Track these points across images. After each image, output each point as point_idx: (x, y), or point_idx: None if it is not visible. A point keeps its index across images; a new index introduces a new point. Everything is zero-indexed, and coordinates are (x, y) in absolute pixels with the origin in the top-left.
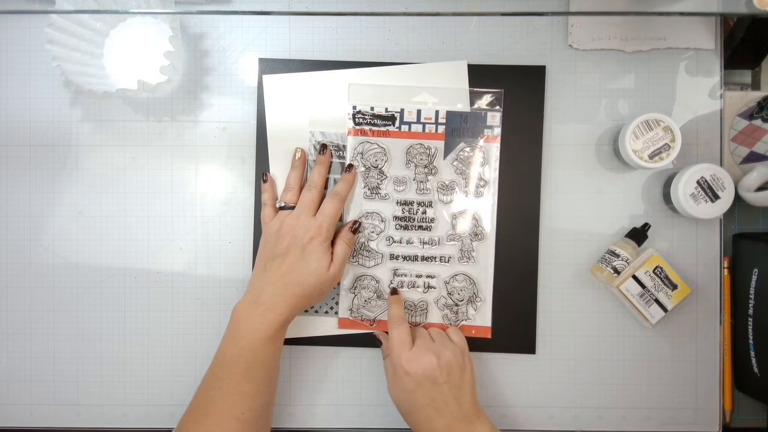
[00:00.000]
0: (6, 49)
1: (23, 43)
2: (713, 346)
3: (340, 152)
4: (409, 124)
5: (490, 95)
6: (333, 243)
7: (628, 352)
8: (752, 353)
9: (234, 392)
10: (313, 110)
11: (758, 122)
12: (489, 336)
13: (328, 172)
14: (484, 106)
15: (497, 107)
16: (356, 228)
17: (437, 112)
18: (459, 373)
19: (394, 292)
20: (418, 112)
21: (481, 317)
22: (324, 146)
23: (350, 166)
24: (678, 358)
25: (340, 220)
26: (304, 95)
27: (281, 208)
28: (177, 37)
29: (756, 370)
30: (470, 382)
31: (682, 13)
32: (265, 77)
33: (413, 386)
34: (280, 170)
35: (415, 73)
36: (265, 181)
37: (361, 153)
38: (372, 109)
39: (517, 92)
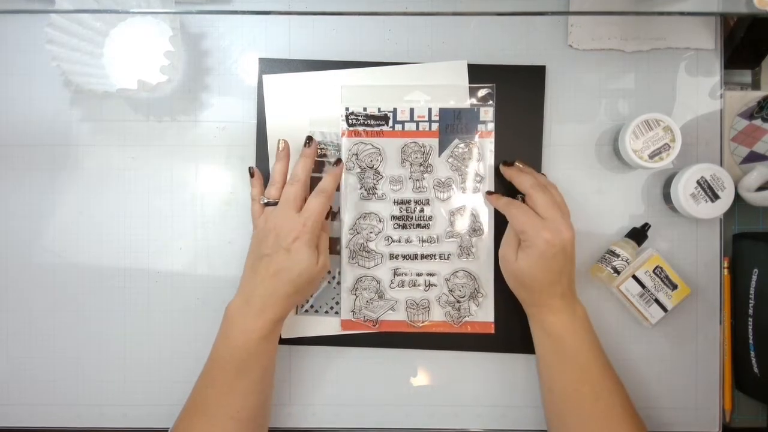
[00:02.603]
0: (6, 49)
1: (23, 43)
2: (713, 346)
3: (339, 152)
4: (403, 123)
5: (482, 90)
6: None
7: (627, 352)
8: (752, 353)
9: (228, 391)
10: (313, 110)
11: (758, 122)
12: (492, 331)
13: (313, 165)
14: (477, 102)
15: (490, 102)
16: (333, 215)
17: (430, 110)
18: (573, 248)
19: (489, 193)
20: (411, 110)
21: (484, 313)
22: (309, 138)
23: (338, 160)
24: (678, 358)
25: (338, 220)
26: (304, 95)
27: (266, 204)
28: (177, 37)
29: (756, 370)
30: (574, 257)
31: (682, 13)
32: (265, 77)
33: (549, 256)
34: None
35: (416, 73)
36: (252, 176)
37: (356, 154)
38: (365, 109)
39: (516, 92)
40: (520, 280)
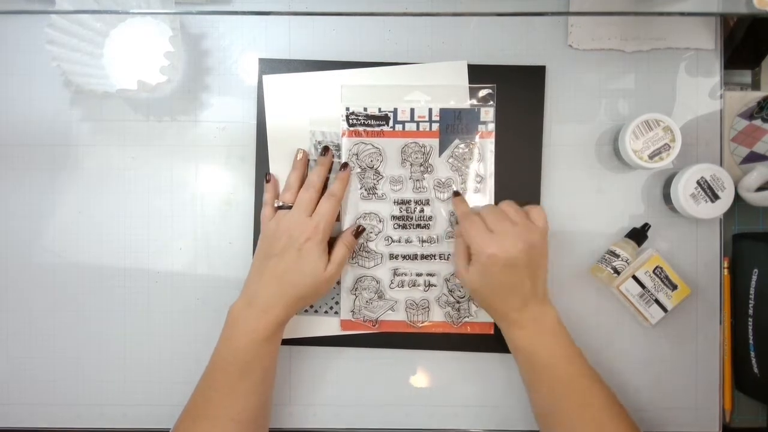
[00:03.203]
0: (6, 49)
1: (23, 43)
2: (713, 346)
3: (340, 152)
4: (403, 123)
5: (483, 90)
6: (332, 244)
7: (627, 352)
8: (752, 353)
9: (230, 393)
10: (313, 110)
11: (758, 122)
12: (492, 331)
13: (329, 173)
14: (478, 102)
15: (490, 102)
16: (359, 233)
17: (430, 110)
18: (538, 257)
19: (456, 194)
20: (412, 110)
21: (483, 313)
22: (326, 148)
23: (345, 164)
24: (678, 358)
25: (338, 220)
26: (304, 95)
27: (279, 208)
28: (177, 37)
29: (756, 370)
30: (546, 266)
31: (682, 13)
32: (265, 77)
33: (496, 269)
34: (280, 170)
35: (416, 73)
36: (267, 181)
37: (356, 154)
38: (365, 109)
39: (516, 92)
40: (476, 293)
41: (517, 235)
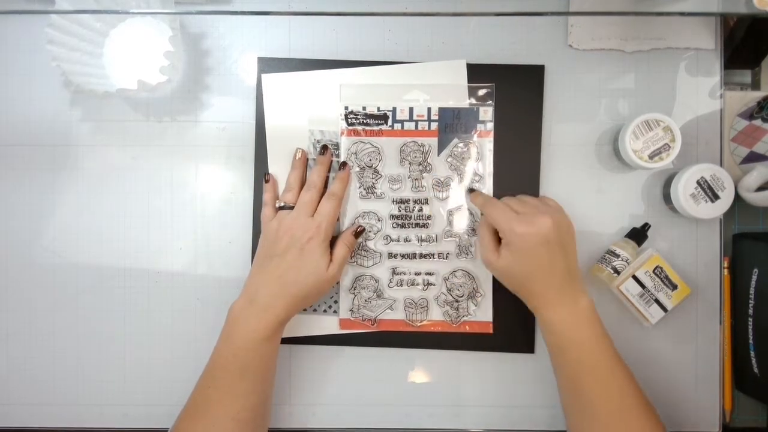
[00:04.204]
0: (6, 49)
1: (23, 43)
2: (713, 346)
3: (338, 151)
4: (402, 122)
5: (481, 90)
6: (333, 244)
7: (628, 352)
8: (752, 353)
9: (230, 392)
10: (312, 109)
11: (758, 122)
12: (491, 331)
13: (328, 172)
14: (476, 101)
15: (489, 102)
16: (359, 232)
17: (429, 109)
18: (566, 235)
19: (471, 190)
20: (410, 109)
21: (482, 312)
22: (325, 147)
23: (344, 164)
24: (678, 358)
25: (337, 219)
26: (303, 94)
27: (281, 208)
28: (177, 37)
29: (756, 370)
30: (574, 243)
31: (682, 13)
32: (264, 76)
33: (529, 248)
34: (279, 170)
35: (415, 72)
36: (267, 181)
37: (355, 153)
38: (364, 108)
39: (515, 92)
40: (509, 277)
41: (544, 212)
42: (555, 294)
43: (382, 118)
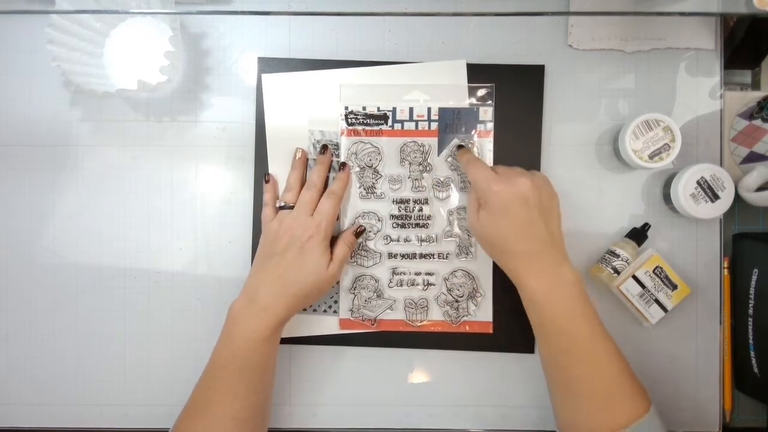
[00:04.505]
0: (6, 49)
1: (23, 43)
2: (713, 346)
3: (338, 151)
4: (402, 122)
5: (481, 90)
6: (333, 243)
7: (628, 352)
8: (752, 353)
9: (229, 392)
10: (312, 109)
11: (758, 122)
12: (490, 331)
13: (328, 172)
14: (476, 101)
15: (489, 102)
16: (359, 232)
17: (429, 109)
18: (548, 200)
19: (459, 146)
20: (410, 110)
21: (482, 312)
22: (324, 146)
23: (343, 164)
24: (678, 358)
25: (337, 219)
26: (303, 94)
27: (281, 208)
28: (177, 37)
29: (756, 370)
30: (558, 212)
31: (682, 13)
32: (264, 76)
33: (505, 207)
34: (279, 170)
35: (415, 72)
36: (267, 182)
37: (355, 153)
38: (364, 108)
39: (516, 92)
40: (487, 239)
41: (525, 174)
42: (534, 260)
43: (382, 118)
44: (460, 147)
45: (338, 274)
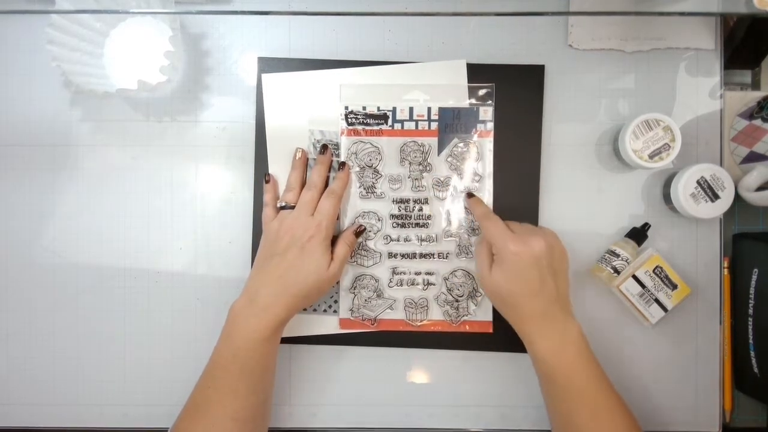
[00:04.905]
0: (6, 49)
1: (23, 43)
2: (713, 346)
3: (339, 151)
4: (402, 122)
5: (481, 90)
6: (333, 243)
7: (628, 352)
8: (752, 353)
9: (229, 392)
10: (312, 109)
11: (758, 122)
12: (491, 330)
13: (329, 172)
14: (476, 101)
15: (489, 102)
16: (359, 232)
17: (429, 109)
18: (560, 261)
19: (470, 195)
20: (410, 109)
21: (482, 312)
22: (324, 146)
23: (343, 163)
24: (678, 358)
25: (337, 219)
26: (303, 94)
27: (282, 208)
28: (177, 37)
29: (756, 370)
30: (567, 271)
31: (682, 13)
32: (264, 76)
33: (520, 267)
34: (279, 170)
35: (415, 72)
36: (267, 182)
37: (355, 153)
38: (364, 108)
39: (515, 91)
40: (499, 296)
41: (539, 234)
42: (542, 319)
43: (382, 118)
44: (470, 195)
45: (339, 273)
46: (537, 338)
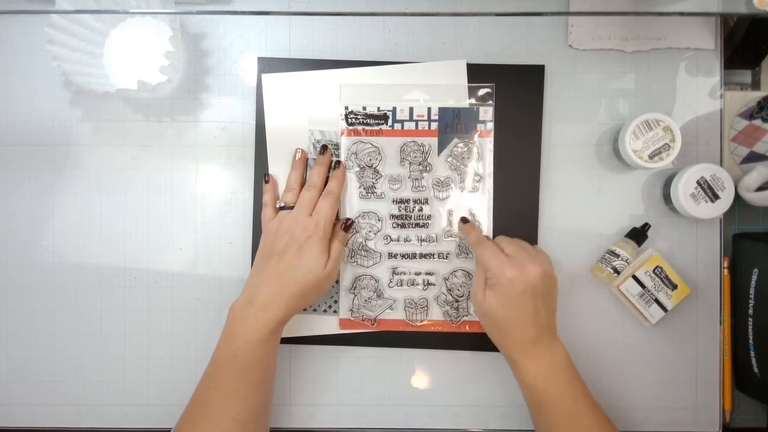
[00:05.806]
0: (6, 49)
1: (23, 43)
2: (713, 346)
3: (339, 151)
4: (402, 122)
5: (481, 90)
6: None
7: (628, 352)
8: (752, 353)
9: (230, 392)
10: (312, 109)
11: (758, 122)
12: None
13: (329, 172)
14: (476, 101)
15: (489, 102)
16: (348, 225)
17: (429, 109)
18: (551, 287)
19: (464, 220)
20: (410, 109)
21: None
22: (324, 147)
23: (338, 162)
24: (678, 358)
25: (338, 218)
26: (303, 94)
27: (281, 208)
28: (177, 37)
29: (756, 370)
30: (556, 297)
31: (682, 13)
32: (264, 76)
33: (515, 295)
34: (279, 170)
35: (415, 72)
36: (266, 182)
37: (355, 153)
38: (364, 108)
39: (515, 91)
40: (492, 320)
41: (534, 260)
42: (531, 345)
43: (382, 118)
44: (464, 221)
45: (335, 271)
46: (525, 362)
